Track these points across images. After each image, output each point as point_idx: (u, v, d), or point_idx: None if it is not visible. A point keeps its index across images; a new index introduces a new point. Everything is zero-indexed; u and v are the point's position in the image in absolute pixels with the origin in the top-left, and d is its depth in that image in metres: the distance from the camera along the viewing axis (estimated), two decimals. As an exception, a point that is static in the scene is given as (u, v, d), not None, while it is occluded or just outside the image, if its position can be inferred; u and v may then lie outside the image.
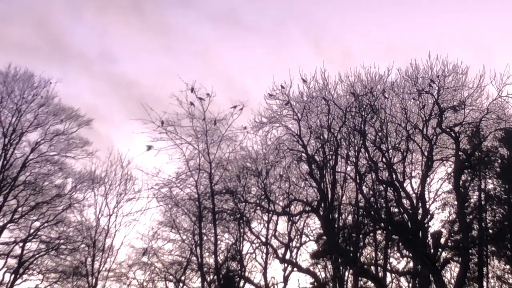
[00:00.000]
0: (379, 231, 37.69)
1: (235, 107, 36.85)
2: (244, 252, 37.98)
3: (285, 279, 37.22)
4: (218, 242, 37.26)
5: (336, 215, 36.97)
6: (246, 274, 37.73)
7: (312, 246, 38.49)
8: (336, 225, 36.75)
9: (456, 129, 36.32)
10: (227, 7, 77.41)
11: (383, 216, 36.78)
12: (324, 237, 37.10)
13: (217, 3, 77.58)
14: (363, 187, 36.87)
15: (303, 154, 36.89)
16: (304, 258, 38.82)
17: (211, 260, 37.58)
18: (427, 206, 36.07)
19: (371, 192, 37.02)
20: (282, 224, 38.69)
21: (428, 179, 36.58)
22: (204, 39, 79.19)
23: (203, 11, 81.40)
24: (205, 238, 37.68)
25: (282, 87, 36.64)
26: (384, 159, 36.46)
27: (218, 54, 74.86)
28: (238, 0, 76.63)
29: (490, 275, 37.96)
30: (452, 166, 36.49)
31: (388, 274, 38.19)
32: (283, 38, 75.70)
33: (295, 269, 36.98)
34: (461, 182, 36.63)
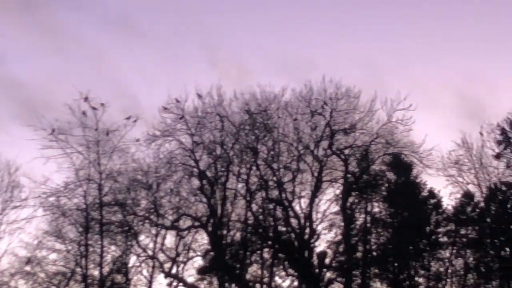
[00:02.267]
0: (266, 249, 44.80)
1: (128, 118, 42.97)
2: (130, 265, 44.26)
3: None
4: (104, 254, 43.22)
5: (225, 232, 43.75)
6: (131, 287, 44.17)
7: (199, 262, 45.17)
8: (224, 242, 43.60)
9: (346, 151, 43.67)
10: (121, 12, 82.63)
11: (270, 234, 43.94)
12: (212, 253, 44.00)
13: (110, 8, 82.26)
14: (253, 205, 43.63)
15: (195, 169, 43.43)
16: (190, 273, 45.36)
17: (96, 272, 43.55)
18: (314, 226, 43.24)
19: (260, 210, 44.06)
20: (170, 238, 44.76)
21: (317, 200, 43.44)
22: (97, 43, 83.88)
23: (96, 14, 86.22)
24: (91, 249, 43.47)
25: (177, 101, 42.94)
26: (274, 178, 43.68)
27: (111, 60, 79.09)
28: (132, 6, 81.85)
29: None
30: (341, 188, 44.00)
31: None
32: (179, 47, 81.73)
33: (180, 284, 43.46)
34: (348, 204, 44.22)
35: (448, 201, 45.68)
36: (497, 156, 44.17)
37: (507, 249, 44.14)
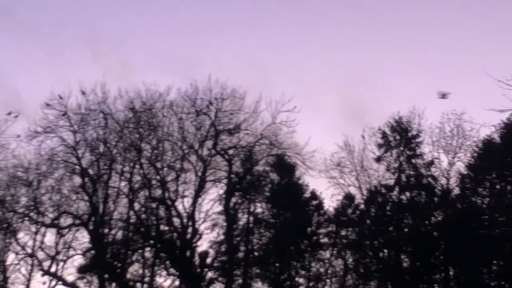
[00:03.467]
0: (148, 248, 49.98)
1: (9, 113, 47.50)
2: (8, 263, 48.67)
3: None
4: (-19, 251, 47.62)
5: (106, 230, 48.64)
6: (8, 285, 48.48)
7: (80, 260, 49.80)
8: (105, 240, 48.49)
9: (230, 151, 49.30)
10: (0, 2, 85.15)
11: (153, 233, 49.16)
12: (92, 252, 48.83)
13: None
14: (135, 204, 48.85)
15: (77, 167, 48.23)
16: (70, 272, 49.48)
17: (-28, 270, 47.78)
18: (197, 225, 48.64)
19: (143, 209, 49.23)
20: (50, 237, 48.96)
21: (200, 199, 48.79)
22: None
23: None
24: (-33, 247, 47.78)
25: (60, 97, 47.77)
26: (158, 177, 48.87)
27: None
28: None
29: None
30: (224, 188, 49.59)
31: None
32: (62, 40, 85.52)
33: (59, 282, 48.24)
34: (231, 204, 49.88)
35: (330, 203, 52.11)
36: (378, 159, 50.65)
37: (386, 250, 50.61)
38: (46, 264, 48.34)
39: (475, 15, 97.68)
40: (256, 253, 51.02)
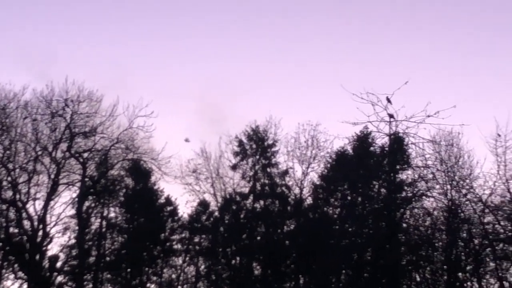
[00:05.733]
0: (-4, 251, 59.80)
1: None
2: None
3: None
4: None
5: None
6: None
7: None
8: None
9: (85, 155, 59.65)
10: None
11: (2, 236, 58.83)
12: None
13: None
14: (-16, 205, 58.55)
15: None
16: None
17: None
18: (48, 229, 58.63)
19: (-8, 211, 58.99)
20: None
21: (52, 202, 58.77)
22: None
23: None
24: None
25: None
26: (9, 178, 58.45)
27: None
28: None
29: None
30: (77, 191, 59.99)
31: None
32: None
33: None
34: (84, 208, 60.58)
35: (185, 209, 64.32)
36: (234, 167, 62.83)
37: (238, 258, 62.83)
38: None
39: (332, 29, 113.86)
40: (107, 258, 62.02)
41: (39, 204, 58.03)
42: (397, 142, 52.10)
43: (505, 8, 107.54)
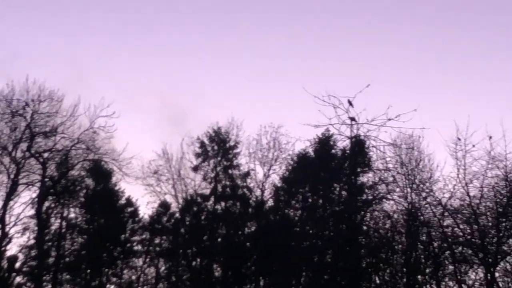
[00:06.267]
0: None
1: None
2: None
3: None
4: None
5: None
6: None
7: None
8: None
9: (46, 155, 59.28)
10: None
11: (-41, 236, 58.52)
12: None
13: None
14: None
15: None
16: None
17: None
18: (7, 229, 58.37)
19: None
20: None
21: (12, 202, 58.30)
22: None
23: None
24: None
25: None
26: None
27: None
28: None
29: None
30: (37, 192, 59.66)
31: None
32: None
33: None
34: (44, 208, 60.20)
35: (145, 210, 64.04)
36: (195, 169, 62.83)
37: (199, 259, 62.85)
38: None
39: (294, 31, 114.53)
40: (67, 259, 61.69)
41: (-2, 204, 57.26)
42: (358, 145, 52.26)
43: (465, 9, 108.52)
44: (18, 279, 59.78)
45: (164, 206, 63.44)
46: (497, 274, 47.01)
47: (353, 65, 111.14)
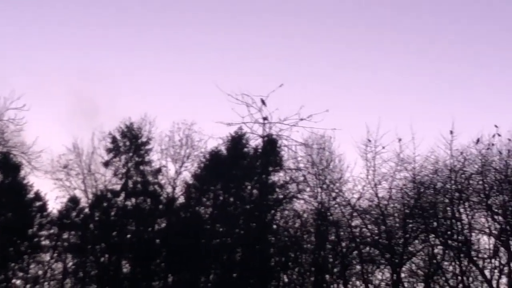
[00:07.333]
0: None
1: None
2: None
3: None
4: None
5: None
6: None
7: None
8: None
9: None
10: None
11: None
12: None
13: None
14: None
15: None
16: None
17: None
18: None
19: None
20: None
21: None
22: None
23: None
24: None
25: None
26: None
27: None
28: None
29: None
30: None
31: None
32: None
33: None
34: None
35: (54, 205, 62.87)
36: (106, 164, 62.13)
37: (107, 255, 62.17)
38: None
39: (209, 28, 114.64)
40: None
41: None
42: (270, 144, 52.70)
43: (377, 7, 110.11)
44: None
45: (73, 201, 62.59)
46: (403, 275, 47.97)
47: (267, 64, 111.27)
